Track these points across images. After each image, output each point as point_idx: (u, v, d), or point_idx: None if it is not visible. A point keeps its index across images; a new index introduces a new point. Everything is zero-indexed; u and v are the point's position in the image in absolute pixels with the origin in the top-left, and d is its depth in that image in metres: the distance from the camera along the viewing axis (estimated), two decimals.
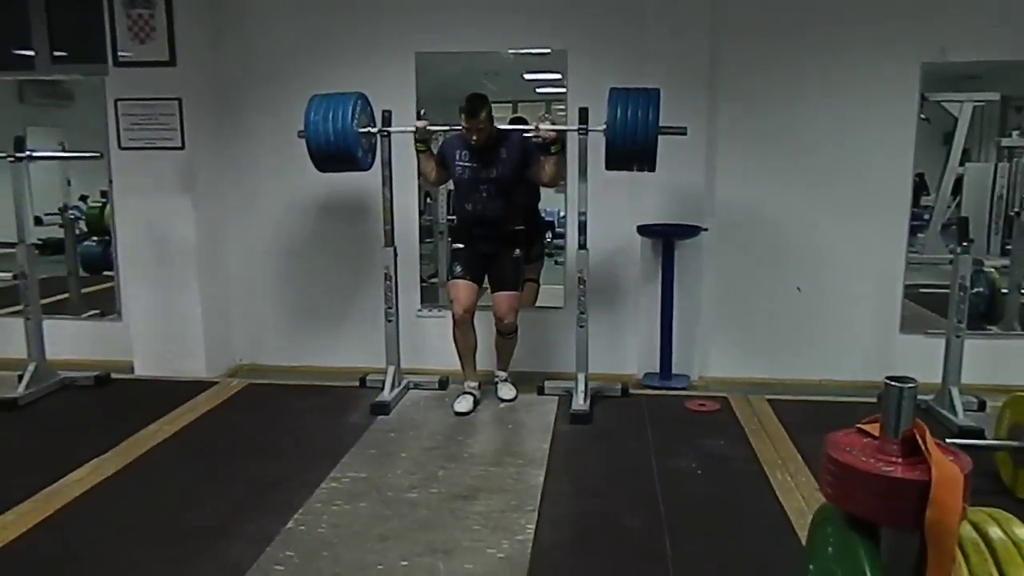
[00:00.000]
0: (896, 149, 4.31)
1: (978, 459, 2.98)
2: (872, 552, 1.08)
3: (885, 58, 4.24)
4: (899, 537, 1.09)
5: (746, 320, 4.57)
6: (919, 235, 5.16)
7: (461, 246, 3.97)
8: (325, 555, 2.54)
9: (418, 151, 3.87)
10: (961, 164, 5.52)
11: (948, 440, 2.87)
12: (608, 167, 3.80)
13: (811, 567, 1.28)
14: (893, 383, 1.16)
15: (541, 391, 4.19)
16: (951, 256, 3.73)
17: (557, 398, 4.09)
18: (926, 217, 5.51)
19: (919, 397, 3.77)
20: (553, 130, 3.71)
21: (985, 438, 3.29)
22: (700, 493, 3.05)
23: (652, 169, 3.73)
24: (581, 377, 3.99)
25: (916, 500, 1.04)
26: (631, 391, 4.23)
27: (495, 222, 3.86)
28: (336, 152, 3.79)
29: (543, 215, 5.15)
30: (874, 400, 3.89)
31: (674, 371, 4.45)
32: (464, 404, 3.90)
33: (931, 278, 4.79)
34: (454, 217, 4.24)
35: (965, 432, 3.47)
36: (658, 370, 4.45)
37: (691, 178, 4.33)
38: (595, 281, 4.16)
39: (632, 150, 3.65)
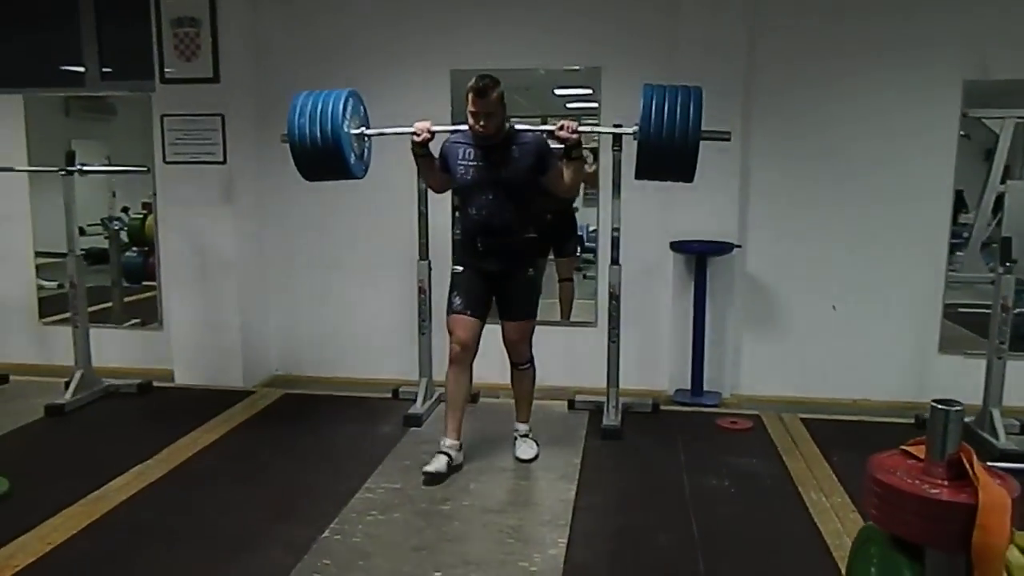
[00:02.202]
0: (936, 167, 4.27)
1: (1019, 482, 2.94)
2: (916, 573, 1.08)
3: (926, 75, 4.22)
4: (945, 560, 1.09)
5: (779, 338, 4.55)
6: (958, 253, 5.08)
7: (460, 269, 3.39)
8: (361, 564, 2.59)
9: (416, 155, 3.27)
10: (1002, 182, 5.44)
11: (989, 463, 2.85)
12: (639, 175, 3.24)
13: None
14: (940, 406, 1.17)
15: (572, 406, 4.21)
16: (991, 275, 3.69)
17: (588, 413, 4.11)
18: (965, 235, 5.43)
19: None
20: (574, 130, 3.12)
21: None
22: (732, 511, 3.05)
23: (690, 179, 3.17)
24: (612, 392, 4.00)
25: (963, 523, 1.04)
26: (662, 407, 4.23)
27: (503, 230, 3.25)
28: (324, 157, 3.21)
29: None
30: (911, 421, 3.90)
31: (706, 388, 4.44)
32: (437, 464, 3.24)
33: (970, 297, 4.72)
34: (458, 231, 3.62)
35: (1007, 455, 3.43)
36: (689, 387, 4.44)
37: (725, 194, 4.33)
38: (627, 297, 4.17)
39: (669, 156, 3.10)
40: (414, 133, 3.19)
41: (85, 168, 4.22)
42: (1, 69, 5.06)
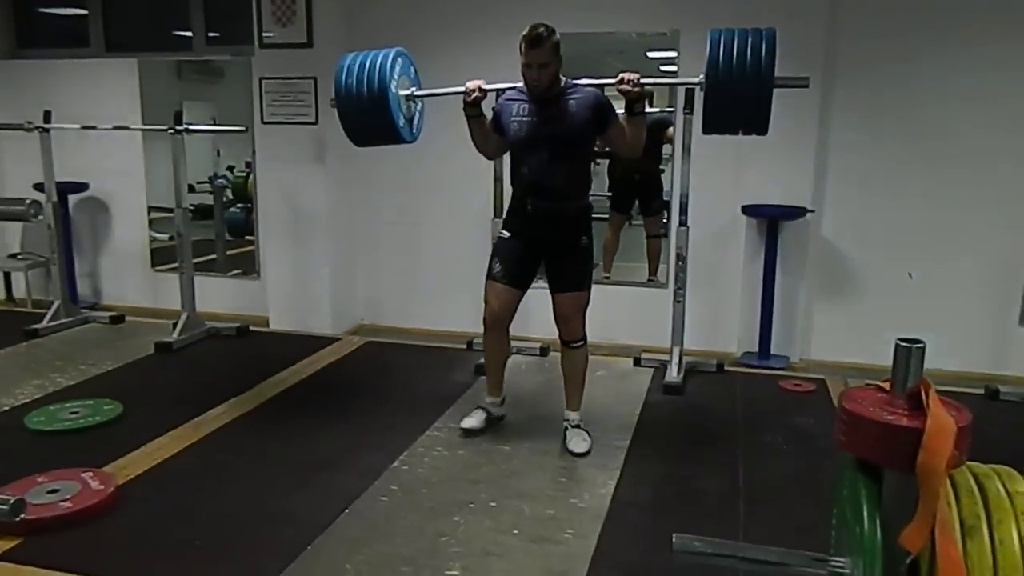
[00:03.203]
0: (1019, 134, 4.12)
1: None
2: (871, 489, 1.21)
3: (1014, 32, 4.06)
4: (899, 479, 1.21)
5: (852, 304, 4.53)
6: None
7: (507, 235, 3.21)
8: (424, 492, 2.85)
9: (468, 115, 3.12)
10: None
11: None
12: (707, 128, 3.05)
13: (834, 511, 1.41)
14: (902, 343, 1.28)
15: (638, 362, 4.34)
16: None
17: (652, 370, 4.23)
18: None
19: None
20: (636, 83, 2.90)
21: None
22: (782, 465, 3.14)
23: (764, 131, 2.97)
24: (676, 351, 4.11)
25: (913, 445, 1.16)
26: (727, 368, 4.31)
27: (556, 192, 3.07)
28: (371, 118, 3.10)
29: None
30: (981, 391, 3.84)
31: (773, 351, 4.49)
32: (474, 420, 3.33)
33: None
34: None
35: None
36: (757, 350, 4.50)
37: (800, 156, 4.32)
38: (698, 259, 4.25)
39: (738, 103, 2.89)
40: (465, 92, 3.07)
41: (191, 128, 4.59)
42: (117, 35, 5.51)
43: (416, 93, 3.25)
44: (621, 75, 2.92)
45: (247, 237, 5.72)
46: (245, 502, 2.78)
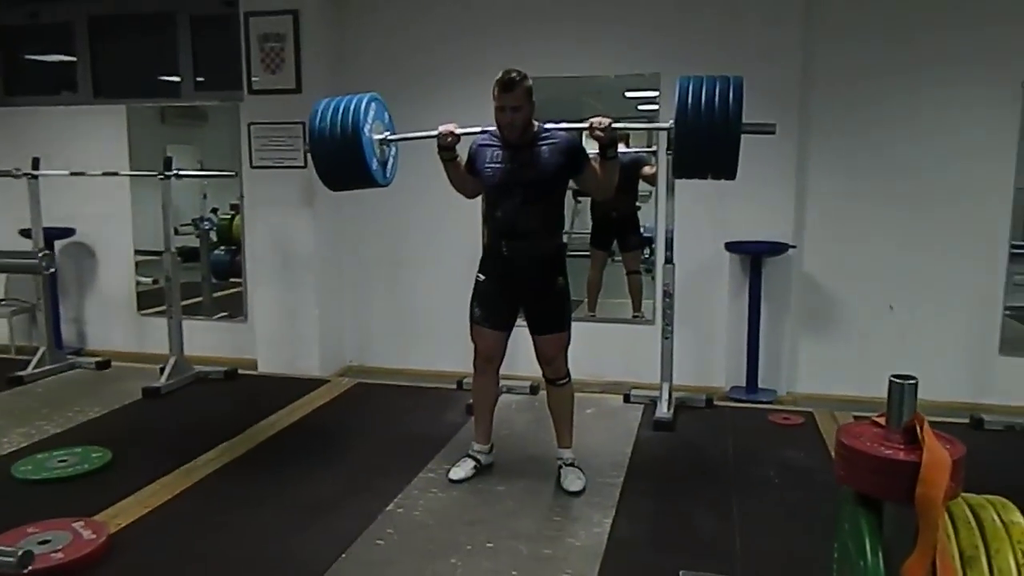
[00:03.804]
0: (995, 167, 4.27)
1: None
2: (872, 522, 1.24)
3: (984, 77, 4.22)
4: (899, 511, 1.25)
5: (836, 337, 4.61)
6: None
7: (483, 277, 3.24)
8: (421, 534, 2.84)
9: (443, 159, 3.13)
10: None
11: None
12: (677, 172, 3.20)
13: (836, 545, 1.45)
14: (896, 380, 1.33)
15: (627, 399, 4.37)
16: None
17: (642, 406, 4.26)
18: None
19: (1016, 420, 3.76)
20: (606, 127, 2.93)
21: None
22: (775, 499, 3.17)
23: (732, 175, 3.03)
24: (665, 387, 4.15)
25: (911, 479, 1.20)
26: (716, 403, 4.35)
27: (530, 234, 3.10)
28: (344, 161, 3.10)
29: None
30: (966, 421, 3.91)
31: (761, 385, 4.54)
32: (462, 470, 3.30)
33: None
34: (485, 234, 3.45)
35: None
36: (744, 384, 4.55)
37: (780, 194, 4.44)
38: (684, 296, 4.32)
39: (707, 150, 2.96)
40: (439, 136, 3.08)
41: (181, 172, 4.62)
42: (105, 81, 5.57)
43: (389, 137, 3.27)
44: (591, 121, 2.94)
45: (232, 279, 5.73)
46: (241, 548, 2.76)
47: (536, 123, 3.12)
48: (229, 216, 6.04)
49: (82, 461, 3.44)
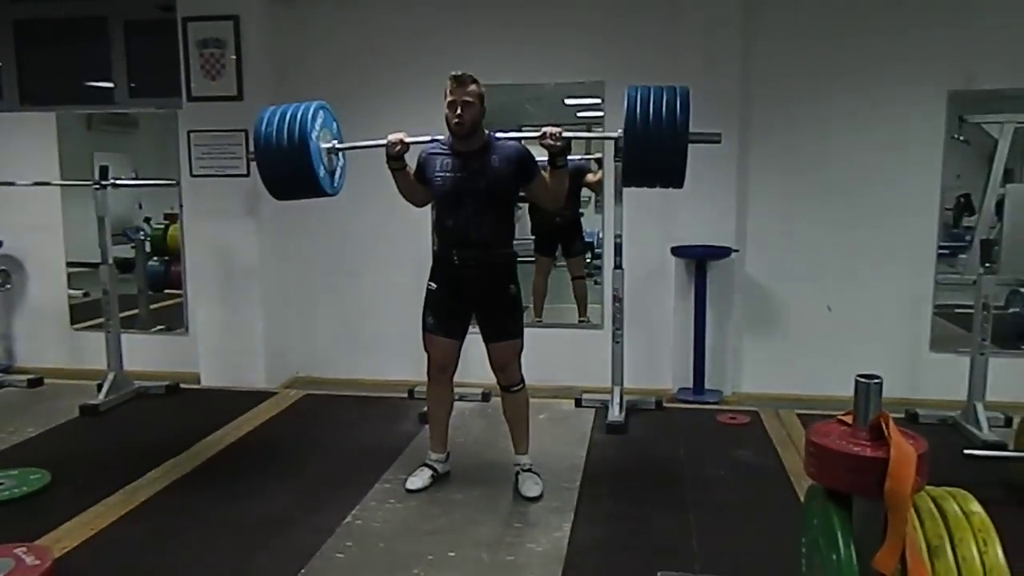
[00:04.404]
0: (923, 174, 4.46)
1: (1000, 471, 3.13)
2: (843, 517, 1.30)
3: (912, 85, 4.42)
4: (868, 505, 1.31)
5: (778, 338, 4.74)
6: (961, 256, 5.24)
7: (435, 286, 3.23)
8: (381, 546, 2.81)
9: (391, 168, 3.11)
10: (1003, 185, 5.60)
11: (966, 451, 3.04)
12: (626, 181, 3.27)
13: (803, 539, 1.50)
14: (862, 379, 1.39)
15: (579, 403, 4.42)
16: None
17: (594, 410, 4.32)
18: (968, 239, 5.61)
19: (946, 413, 3.93)
20: (558, 137, 2.94)
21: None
22: (727, 497, 3.25)
23: (679, 184, 3.11)
24: (616, 390, 4.21)
25: (879, 474, 1.26)
26: (665, 405, 4.43)
27: (481, 243, 3.10)
28: (291, 169, 3.05)
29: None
30: (902, 415, 4.08)
31: (707, 386, 4.64)
32: (419, 479, 3.29)
33: (971, 298, 4.89)
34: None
35: (989, 446, 3.58)
36: (692, 385, 4.65)
37: (723, 200, 4.54)
38: (632, 300, 4.38)
39: (655, 159, 3.03)
40: (388, 145, 3.06)
41: (118, 182, 4.48)
42: (36, 88, 5.35)
43: (338, 146, 3.24)
44: (544, 131, 2.96)
45: (167, 291, 5.57)
46: (194, 569, 2.68)
47: (487, 132, 3.13)
48: (163, 226, 5.86)
49: (19, 484, 3.29)
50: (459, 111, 2.99)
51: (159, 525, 3.01)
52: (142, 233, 6.09)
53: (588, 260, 5.65)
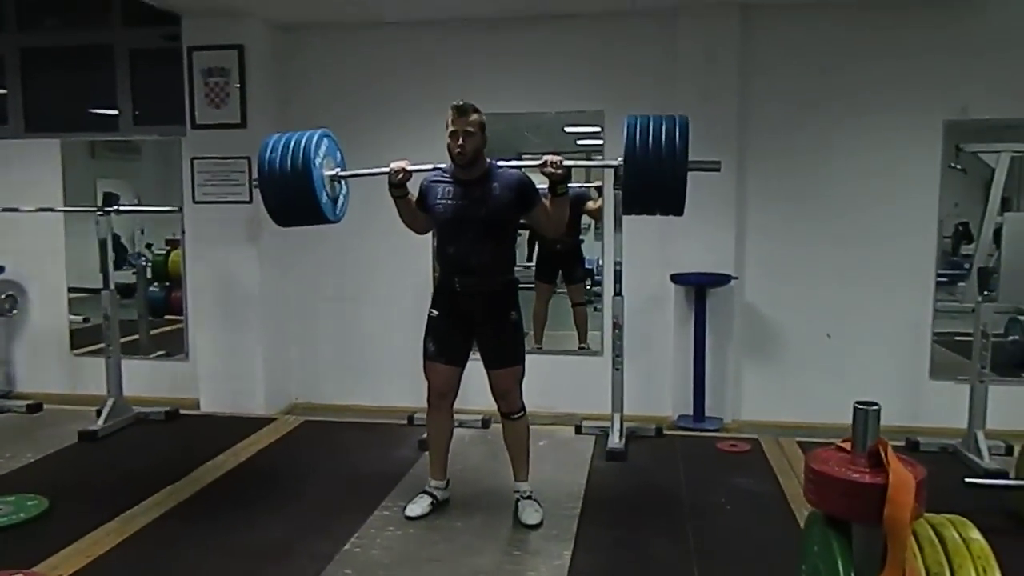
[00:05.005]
0: (921, 202, 4.50)
1: (1001, 499, 3.12)
2: (843, 544, 1.30)
3: (908, 114, 4.47)
4: (867, 532, 1.31)
5: (777, 365, 4.75)
6: (960, 284, 5.26)
7: (436, 313, 3.24)
8: (380, 574, 2.80)
9: (394, 196, 3.14)
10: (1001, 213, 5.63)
11: (967, 480, 3.04)
12: (627, 209, 3.30)
13: (803, 566, 1.50)
14: (860, 406, 1.40)
15: (579, 430, 4.41)
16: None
17: (594, 437, 4.30)
18: (966, 266, 5.63)
19: (947, 441, 3.92)
20: (560, 165, 2.97)
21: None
22: (728, 526, 3.23)
23: (679, 212, 3.13)
24: (616, 417, 4.20)
25: (878, 500, 1.26)
26: (665, 432, 4.42)
27: (482, 270, 3.12)
28: (294, 196, 3.07)
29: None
30: (902, 443, 4.07)
31: (707, 414, 4.63)
32: (418, 507, 3.28)
33: (970, 326, 4.90)
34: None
35: (990, 474, 3.57)
36: (692, 412, 4.64)
37: (722, 228, 4.57)
38: (631, 327, 4.39)
39: (655, 187, 3.06)
40: (390, 173, 3.09)
41: (121, 208, 4.51)
42: (41, 115, 5.41)
43: (341, 174, 3.26)
44: (545, 158, 2.98)
45: (167, 316, 5.57)
46: None
47: (488, 160, 3.17)
48: (164, 252, 5.88)
49: (17, 510, 3.28)
50: (461, 141, 3.03)
51: (156, 552, 2.99)
52: (142, 259, 6.13)
53: (588, 287, 5.68)
